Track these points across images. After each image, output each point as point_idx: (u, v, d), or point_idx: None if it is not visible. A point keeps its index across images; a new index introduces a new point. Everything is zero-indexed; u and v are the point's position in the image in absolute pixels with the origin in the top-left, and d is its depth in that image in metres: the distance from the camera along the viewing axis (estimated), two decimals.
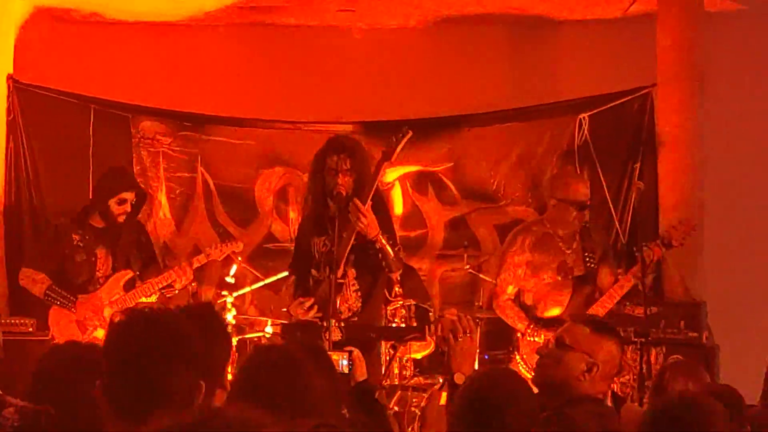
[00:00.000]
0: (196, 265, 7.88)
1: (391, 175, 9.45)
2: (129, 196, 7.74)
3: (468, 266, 8.71)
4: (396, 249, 6.56)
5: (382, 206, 6.73)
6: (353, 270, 6.59)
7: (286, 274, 7.55)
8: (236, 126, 9.55)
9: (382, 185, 9.02)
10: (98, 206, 7.76)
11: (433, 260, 9.41)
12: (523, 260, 7.54)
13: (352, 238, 6.41)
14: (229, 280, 8.34)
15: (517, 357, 7.50)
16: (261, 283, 8.70)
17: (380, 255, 6.45)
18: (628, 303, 7.67)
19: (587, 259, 7.49)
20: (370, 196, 6.49)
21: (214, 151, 9.53)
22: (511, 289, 7.55)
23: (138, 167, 9.42)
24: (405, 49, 10.07)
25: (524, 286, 7.56)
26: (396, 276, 7.40)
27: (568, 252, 7.49)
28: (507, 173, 9.41)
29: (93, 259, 7.80)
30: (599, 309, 7.34)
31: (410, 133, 6.63)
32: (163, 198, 9.45)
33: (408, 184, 9.45)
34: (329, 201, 6.63)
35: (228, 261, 8.39)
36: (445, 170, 9.27)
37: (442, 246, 9.45)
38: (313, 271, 6.67)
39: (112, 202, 7.68)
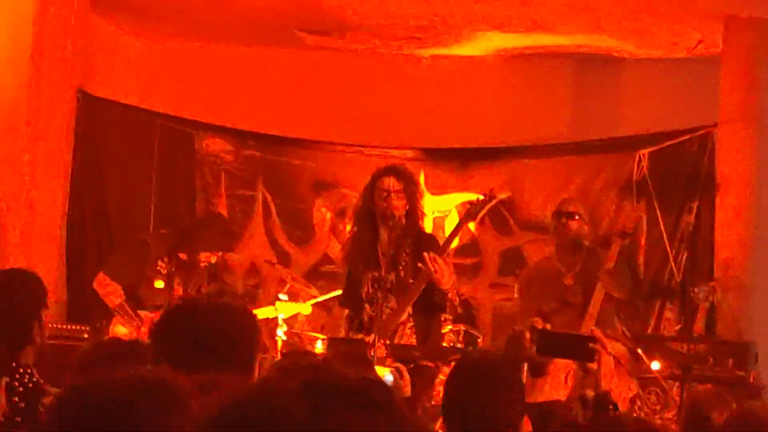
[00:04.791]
0: (263, 316, 7.94)
1: (448, 202, 9.58)
2: (219, 253, 8.02)
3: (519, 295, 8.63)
4: (460, 296, 6.87)
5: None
6: (410, 308, 6.67)
7: (339, 292, 7.65)
8: (299, 147, 9.75)
9: (440, 213, 9.46)
10: (189, 249, 7.90)
11: (486, 289, 9.50)
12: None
13: (420, 288, 6.49)
14: (282, 297, 8.44)
15: None
16: (313, 301, 8.75)
17: (447, 303, 6.62)
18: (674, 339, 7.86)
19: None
20: (448, 248, 6.72)
21: (276, 171, 9.71)
22: None
23: (200, 183, 9.63)
24: (470, 79, 10.18)
25: None
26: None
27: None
28: None
29: (171, 288, 7.95)
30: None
31: (497, 198, 6.91)
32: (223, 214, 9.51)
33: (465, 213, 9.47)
34: (380, 228, 6.73)
35: (282, 279, 8.68)
36: (503, 200, 9.16)
37: (498, 274, 9.53)
38: (367, 307, 6.74)
39: (203, 255, 7.87)
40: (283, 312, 8.12)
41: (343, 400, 1.42)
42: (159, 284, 7.87)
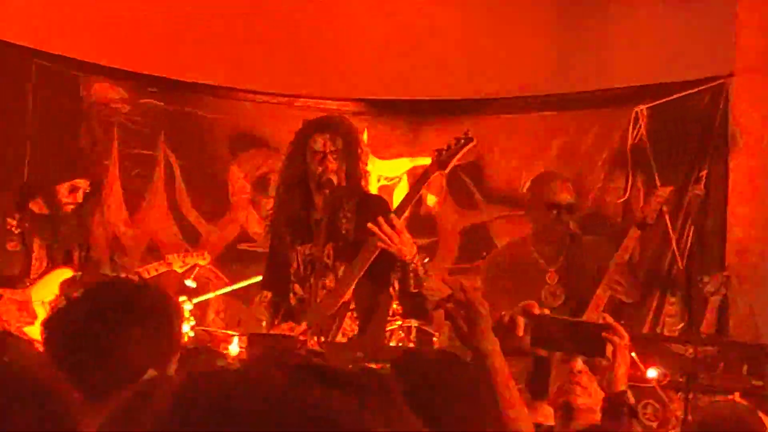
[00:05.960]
0: (152, 273, 8.03)
1: (398, 167, 9.60)
2: (83, 184, 7.85)
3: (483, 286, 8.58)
4: (424, 269, 6.61)
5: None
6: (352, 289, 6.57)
7: (258, 279, 7.55)
8: (211, 96, 9.68)
9: (387, 180, 9.58)
10: (43, 189, 7.87)
11: (443, 275, 9.00)
12: None
13: (371, 259, 6.37)
14: (190, 283, 8.40)
15: None
16: (228, 289, 8.75)
17: (412, 277, 6.46)
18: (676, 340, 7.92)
19: None
20: (408, 210, 6.70)
21: (182, 126, 9.64)
22: None
23: (87, 139, 9.44)
24: (424, 14, 9.94)
25: None
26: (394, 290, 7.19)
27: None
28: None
29: (29, 250, 7.93)
30: None
31: (474, 141, 6.71)
32: (115, 180, 9.55)
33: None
34: (315, 195, 6.62)
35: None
36: (465, 166, 8.97)
37: (457, 258, 9.52)
38: (296, 287, 6.61)
39: (62, 188, 7.78)
40: (176, 266, 8.21)
41: (330, 381, 1.57)
42: (11, 246, 7.91)
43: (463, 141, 6.66)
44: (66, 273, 7.97)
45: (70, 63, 9.45)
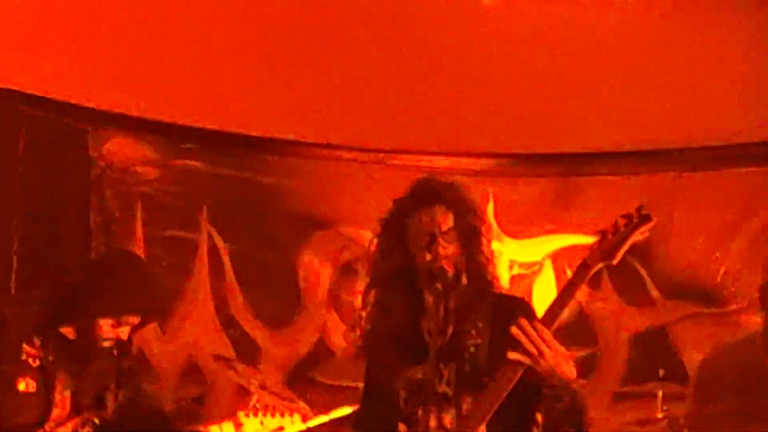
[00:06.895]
0: None
1: (538, 249, 9.63)
2: (132, 319, 7.25)
3: (664, 412, 8.39)
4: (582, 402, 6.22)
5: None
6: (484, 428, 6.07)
7: (346, 411, 7.75)
8: (271, 154, 9.73)
9: (522, 267, 9.57)
10: (80, 317, 7.24)
11: (607, 402, 9.43)
12: None
13: (510, 387, 5.82)
14: (245, 419, 8.09)
15: None
16: (302, 428, 8.24)
17: (579, 411, 5.90)
18: None
19: None
20: (557, 319, 5.98)
21: (233, 197, 9.67)
22: None
23: (99, 216, 9.43)
24: (572, 29, 9.68)
25: None
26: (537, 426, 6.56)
27: None
28: (743, 255, 9.34)
29: (49, 391, 7.23)
30: None
31: (653, 221, 6.06)
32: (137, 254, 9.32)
33: (567, 268, 9.19)
34: (424, 292, 6.10)
35: (245, 389, 8.46)
36: (633, 245, 8.41)
37: (625, 377, 9.49)
38: (401, 429, 6.09)
39: (104, 323, 7.14)
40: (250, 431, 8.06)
41: None
42: (24, 386, 7.17)
43: (636, 220, 5.99)
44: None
45: (74, 111, 9.33)
